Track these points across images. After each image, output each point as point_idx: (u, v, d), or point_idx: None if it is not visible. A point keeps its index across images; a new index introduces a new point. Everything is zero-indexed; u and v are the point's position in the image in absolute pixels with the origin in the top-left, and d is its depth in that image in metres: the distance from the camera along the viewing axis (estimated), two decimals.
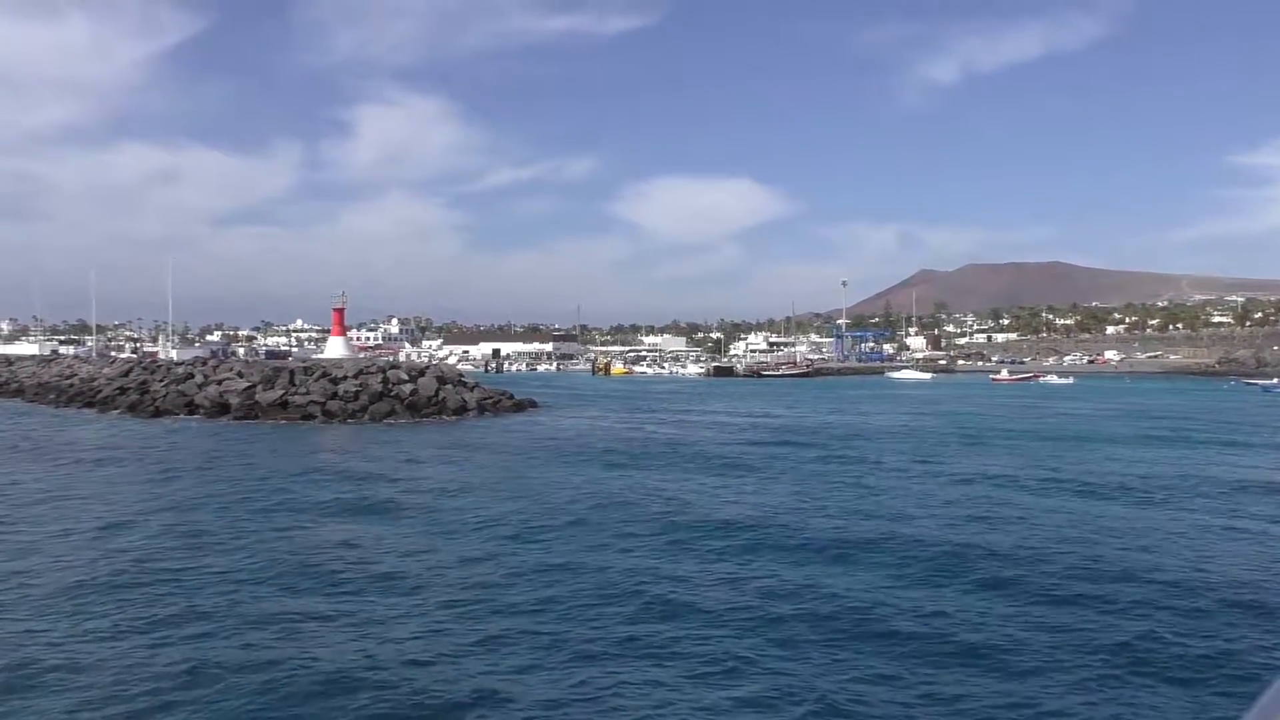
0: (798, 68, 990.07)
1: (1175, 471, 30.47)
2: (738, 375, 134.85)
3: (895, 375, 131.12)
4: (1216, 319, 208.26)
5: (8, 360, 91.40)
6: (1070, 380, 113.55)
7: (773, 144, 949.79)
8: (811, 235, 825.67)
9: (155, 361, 65.31)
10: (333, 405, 52.25)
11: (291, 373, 55.53)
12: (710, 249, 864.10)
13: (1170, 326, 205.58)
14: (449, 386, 58.88)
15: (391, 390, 55.32)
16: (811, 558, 18.03)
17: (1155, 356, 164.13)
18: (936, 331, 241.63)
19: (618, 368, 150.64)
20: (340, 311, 65.36)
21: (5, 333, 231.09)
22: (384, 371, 57.28)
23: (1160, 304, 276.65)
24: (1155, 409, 63.86)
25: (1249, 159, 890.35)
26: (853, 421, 53.24)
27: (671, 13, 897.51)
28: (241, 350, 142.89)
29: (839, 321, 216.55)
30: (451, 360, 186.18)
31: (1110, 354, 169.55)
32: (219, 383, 54.98)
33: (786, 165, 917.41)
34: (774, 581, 16.05)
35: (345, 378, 55.58)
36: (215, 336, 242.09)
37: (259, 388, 53.48)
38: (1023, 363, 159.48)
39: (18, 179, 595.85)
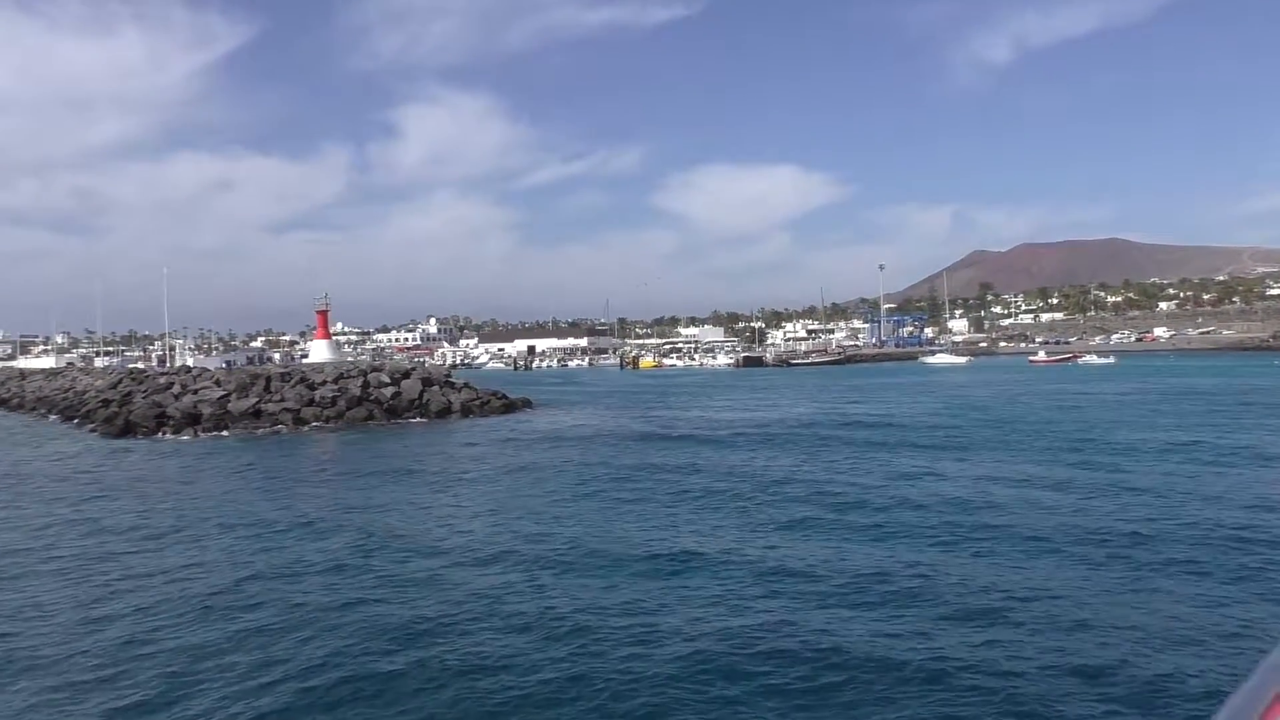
0: (845, 50, 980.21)
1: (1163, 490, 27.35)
2: (766, 365, 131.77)
3: (929, 360, 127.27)
4: (1273, 291, 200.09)
5: (21, 374, 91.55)
6: (1111, 360, 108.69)
7: (821, 129, 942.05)
8: (862, 220, 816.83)
9: (144, 373, 64.11)
10: (307, 412, 50.59)
11: (268, 379, 53.95)
12: (759, 238, 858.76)
13: (1226, 301, 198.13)
14: (434, 388, 56.96)
15: (371, 394, 53.56)
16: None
17: (1208, 333, 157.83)
18: (982, 313, 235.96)
19: (646, 361, 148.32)
20: (324, 314, 63.71)
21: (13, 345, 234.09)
22: (365, 375, 55.49)
23: (1219, 278, 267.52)
24: (1192, 390, 59.93)
25: None
26: (843, 413, 50.32)
27: (713, 2, 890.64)
28: (278, 356, 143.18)
29: (884, 306, 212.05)
30: (483, 359, 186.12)
31: (1160, 331, 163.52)
32: (195, 392, 53.50)
33: (836, 150, 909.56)
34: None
35: (324, 383, 53.94)
36: (258, 343, 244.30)
37: (233, 396, 51.96)
38: (1068, 343, 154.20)
39: (79, 194, 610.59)
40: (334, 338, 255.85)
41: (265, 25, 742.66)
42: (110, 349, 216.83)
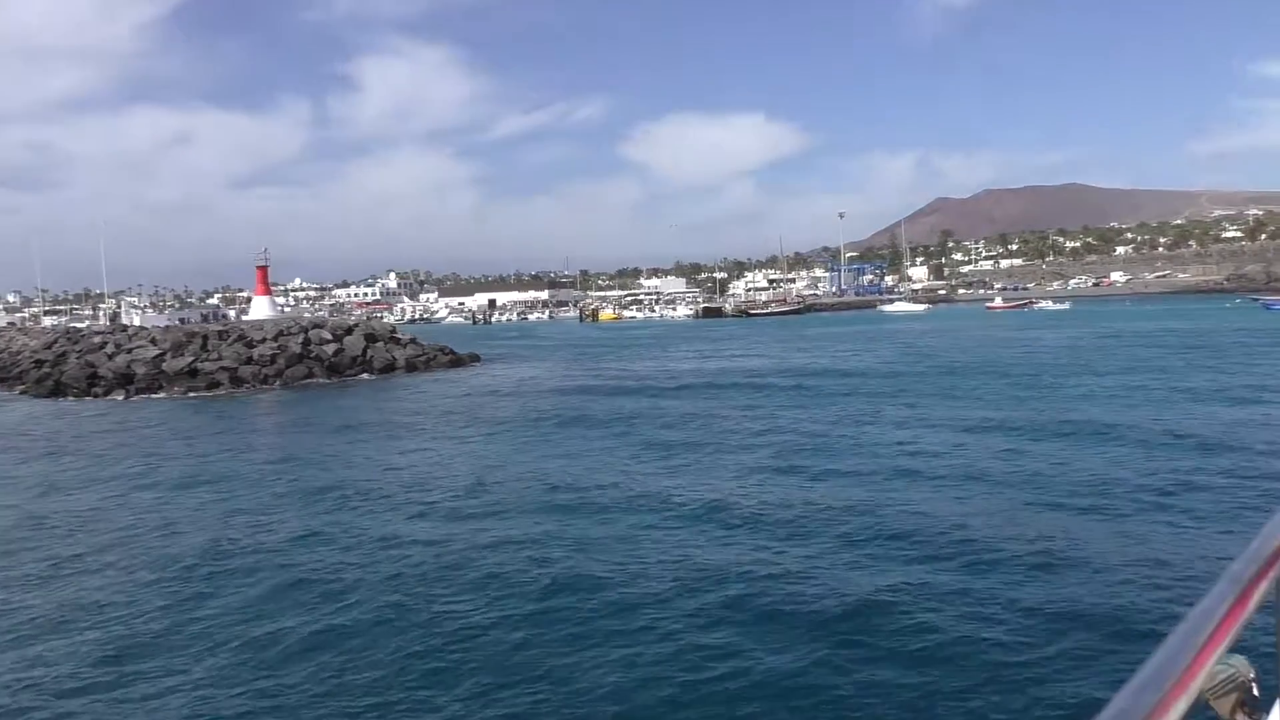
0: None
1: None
2: (726, 316, 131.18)
3: (887, 309, 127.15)
4: (1229, 234, 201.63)
5: None
6: (1066, 305, 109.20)
7: (785, 77, 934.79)
8: (827, 168, 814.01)
9: (79, 332, 62.27)
10: (245, 371, 49.37)
11: (205, 337, 52.57)
12: (724, 188, 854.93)
13: (1183, 245, 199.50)
14: (379, 344, 55.92)
15: (312, 352, 52.40)
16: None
17: (1163, 276, 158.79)
18: (943, 261, 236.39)
19: (606, 313, 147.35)
20: (264, 270, 62.03)
21: None
22: (306, 332, 54.23)
23: (1176, 222, 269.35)
24: (1136, 334, 59.92)
25: (1273, 68, 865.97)
26: (789, 364, 49.83)
27: None
28: (233, 313, 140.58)
29: (846, 255, 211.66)
30: (442, 313, 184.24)
31: (1116, 275, 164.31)
32: (129, 352, 52.04)
33: (800, 98, 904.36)
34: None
35: (264, 340, 52.67)
36: (215, 300, 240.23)
37: (168, 355, 50.58)
38: (1025, 289, 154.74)
39: (34, 148, 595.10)
40: (291, 293, 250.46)
41: None
42: (62, 307, 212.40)
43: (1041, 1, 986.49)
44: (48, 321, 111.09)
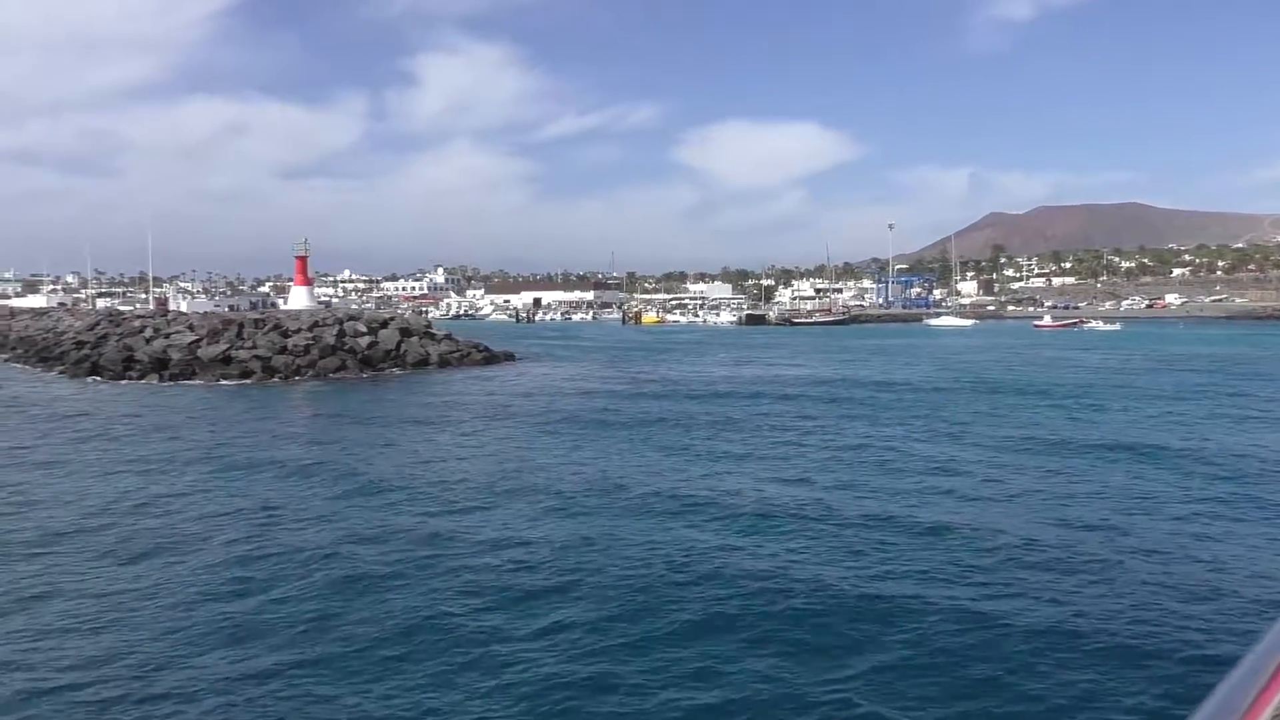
0: (867, 8, 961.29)
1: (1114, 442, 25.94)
2: (769, 323, 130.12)
3: (933, 322, 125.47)
4: None
5: (11, 313, 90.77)
6: (1116, 326, 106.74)
7: (841, 86, 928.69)
8: (880, 179, 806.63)
9: (122, 315, 63.05)
10: (278, 361, 49.45)
11: (241, 325, 52.81)
12: (776, 195, 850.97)
13: (1242, 269, 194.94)
14: (413, 339, 55.82)
15: (346, 344, 52.41)
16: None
17: (1220, 300, 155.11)
18: (994, 276, 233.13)
19: (649, 316, 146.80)
20: (303, 260, 62.23)
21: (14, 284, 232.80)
22: (341, 323, 54.26)
23: (1236, 246, 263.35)
24: (1187, 358, 58.24)
25: None
26: (818, 375, 48.96)
27: None
28: (282, 302, 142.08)
29: (896, 266, 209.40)
30: (487, 310, 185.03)
31: (1171, 298, 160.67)
32: (166, 337, 52.44)
33: (855, 108, 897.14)
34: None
35: (299, 330, 52.79)
36: (266, 288, 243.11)
37: (204, 342, 50.87)
38: (1077, 307, 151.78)
39: (92, 136, 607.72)
40: (340, 284, 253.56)
41: None
42: (117, 290, 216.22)
43: (1103, 18, 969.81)
44: (100, 304, 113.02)
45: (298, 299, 62.25)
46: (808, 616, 11.80)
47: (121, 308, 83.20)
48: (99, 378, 48.27)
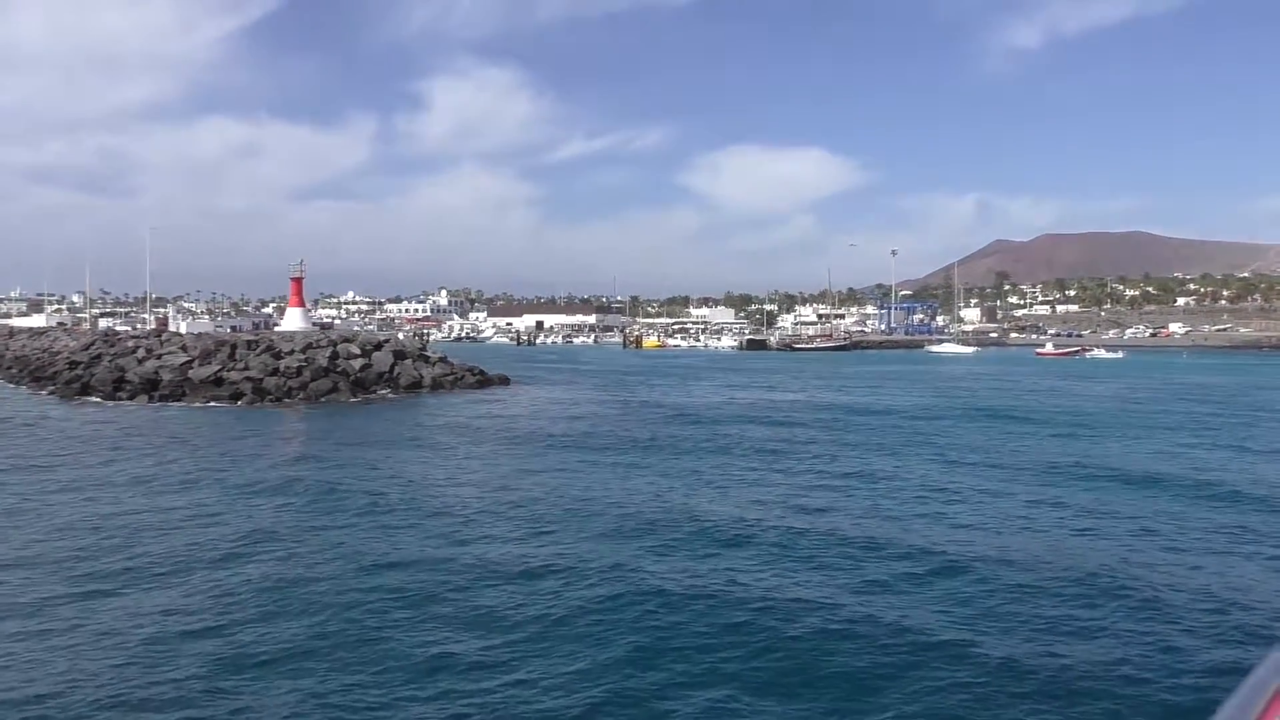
0: (875, 35, 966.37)
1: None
2: (770, 349, 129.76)
3: (935, 349, 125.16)
4: None
5: (10, 332, 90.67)
6: (1119, 355, 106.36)
7: (848, 113, 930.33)
8: (886, 206, 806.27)
9: (117, 336, 62.82)
10: (270, 382, 49.09)
11: (234, 346, 52.54)
12: (783, 220, 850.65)
13: (1247, 298, 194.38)
14: (406, 361, 55.51)
15: (339, 366, 52.08)
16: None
17: (1224, 330, 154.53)
18: (997, 303, 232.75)
19: (650, 340, 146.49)
20: (298, 281, 61.97)
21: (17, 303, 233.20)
22: (334, 345, 53.97)
23: (1241, 275, 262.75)
24: (1189, 389, 57.76)
25: None
26: (812, 401, 48.51)
27: None
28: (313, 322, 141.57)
29: (901, 292, 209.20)
30: (488, 332, 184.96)
31: (1175, 327, 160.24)
32: (158, 357, 52.17)
33: (863, 135, 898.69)
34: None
35: (291, 352, 52.48)
36: (270, 309, 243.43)
37: (196, 363, 50.58)
38: (1080, 335, 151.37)
39: (108, 155, 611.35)
40: (344, 305, 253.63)
41: None
42: (121, 310, 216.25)
43: (1110, 47, 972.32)
44: (103, 324, 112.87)
45: (292, 320, 61.93)
46: (788, 642, 11.37)
47: (120, 328, 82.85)
48: (90, 398, 47.99)
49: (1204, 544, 16.92)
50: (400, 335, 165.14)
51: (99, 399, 47.60)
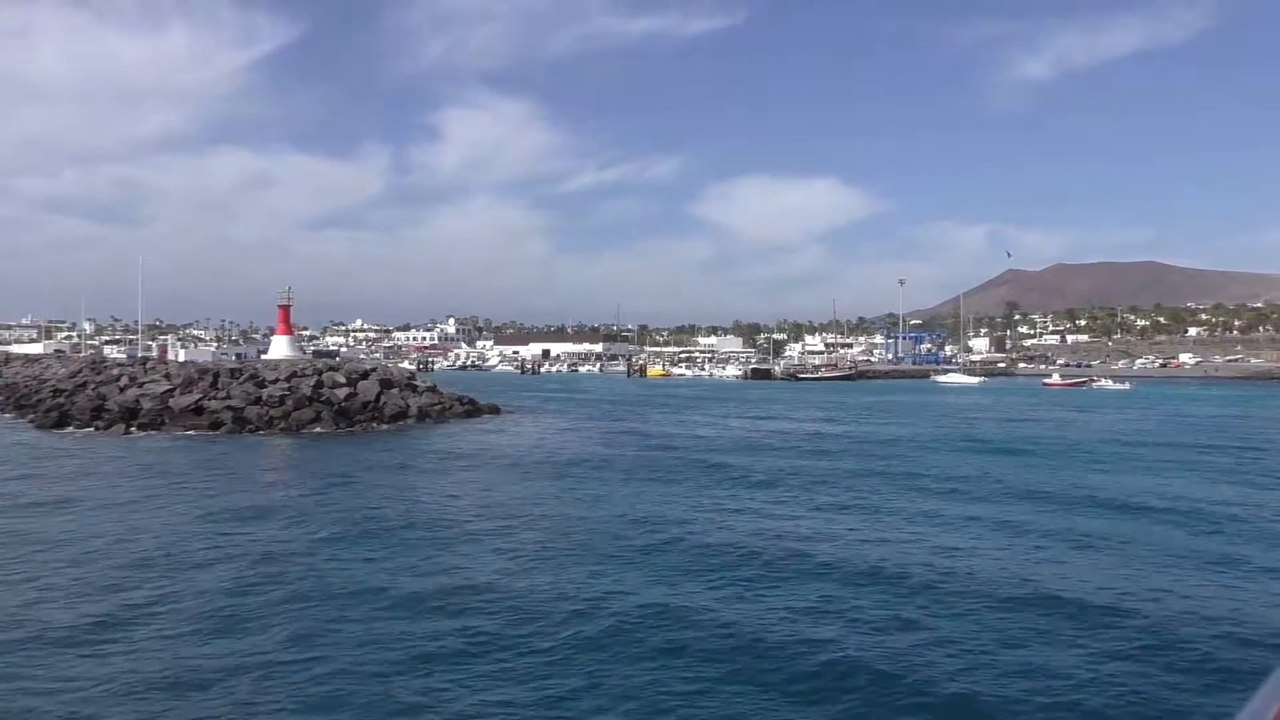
0: (886, 67, 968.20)
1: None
2: (774, 378, 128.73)
3: (941, 379, 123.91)
4: None
5: (6, 359, 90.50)
6: (1126, 386, 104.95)
7: (860, 144, 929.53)
8: (898, 236, 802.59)
9: (104, 364, 62.36)
10: (251, 412, 48.37)
11: (216, 375, 51.88)
12: (792, 251, 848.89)
13: (1260, 328, 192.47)
14: (393, 391, 54.69)
15: (323, 395, 51.33)
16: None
17: (1235, 360, 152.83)
18: (1007, 333, 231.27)
19: (655, 369, 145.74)
20: (285, 309, 61.43)
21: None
22: (320, 374, 53.25)
23: (1254, 305, 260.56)
24: (1197, 421, 56.58)
25: None
26: (805, 430, 47.50)
27: (755, 13, 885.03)
28: (304, 350, 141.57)
29: (910, 322, 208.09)
30: (493, 361, 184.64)
31: (1185, 357, 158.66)
32: (140, 386, 51.57)
33: (873, 165, 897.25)
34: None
35: (275, 380, 51.79)
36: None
37: (177, 391, 49.93)
38: (1088, 366, 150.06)
39: (124, 185, 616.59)
40: (352, 334, 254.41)
41: (311, 25, 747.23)
42: (129, 338, 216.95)
43: (1121, 78, 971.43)
44: (108, 352, 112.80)
45: (279, 348, 61.32)
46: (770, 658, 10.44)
47: (116, 355, 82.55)
48: (68, 428, 47.36)
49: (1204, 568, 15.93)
50: (405, 363, 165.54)
51: (77, 427, 47.00)
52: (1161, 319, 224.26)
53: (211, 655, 12.45)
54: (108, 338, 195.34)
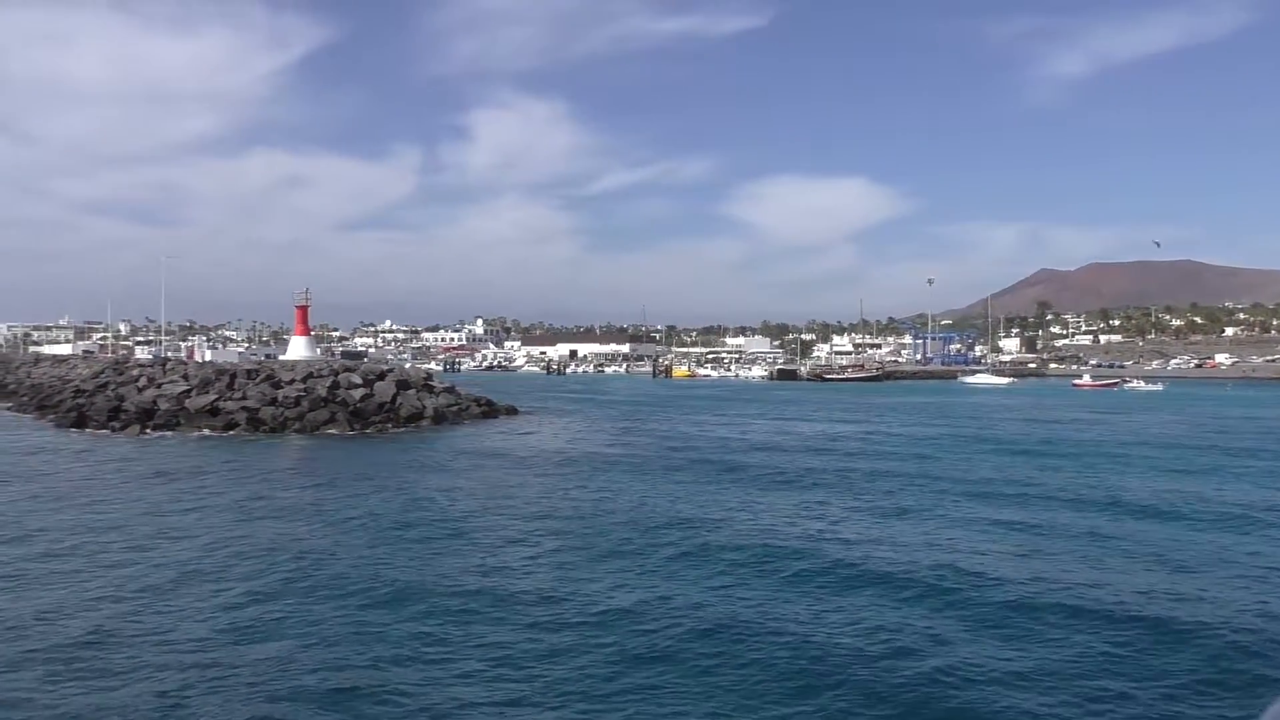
0: (918, 65, 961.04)
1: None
2: (800, 379, 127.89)
3: (968, 380, 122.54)
4: None
5: (36, 359, 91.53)
6: (1158, 387, 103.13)
7: (891, 142, 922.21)
8: (930, 235, 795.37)
9: (126, 364, 62.71)
10: (266, 412, 48.38)
11: (233, 375, 51.98)
12: (822, 250, 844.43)
13: None
14: (410, 392, 54.54)
15: (338, 396, 51.28)
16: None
17: (1273, 360, 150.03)
18: (1038, 333, 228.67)
19: (680, 370, 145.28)
20: (303, 309, 61.39)
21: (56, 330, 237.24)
22: (335, 375, 53.21)
23: None
24: (1226, 425, 55.33)
25: None
26: (828, 432, 46.82)
27: (785, 12, 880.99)
28: (318, 351, 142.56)
29: (941, 322, 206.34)
30: (519, 361, 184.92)
31: (1221, 357, 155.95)
32: (158, 387, 51.76)
33: (905, 163, 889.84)
34: None
35: (291, 381, 51.81)
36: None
37: (194, 392, 50.06)
38: (1122, 366, 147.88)
39: (163, 188, 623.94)
40: (381, 334, 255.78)
41: (344, 28, 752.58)
42: (167, 339, 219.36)
43: (1158, 74, 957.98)
44: (139, 352, 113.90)
45: (296, 349, 61.32)
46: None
47: (143, 356, 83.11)
48: (85, 428, 47.60)
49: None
50: (432, 364, 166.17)
51: (93, 428, 47.21)
52: (1198, 318, 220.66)
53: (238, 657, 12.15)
54: (140, 339, 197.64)
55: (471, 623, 13.86)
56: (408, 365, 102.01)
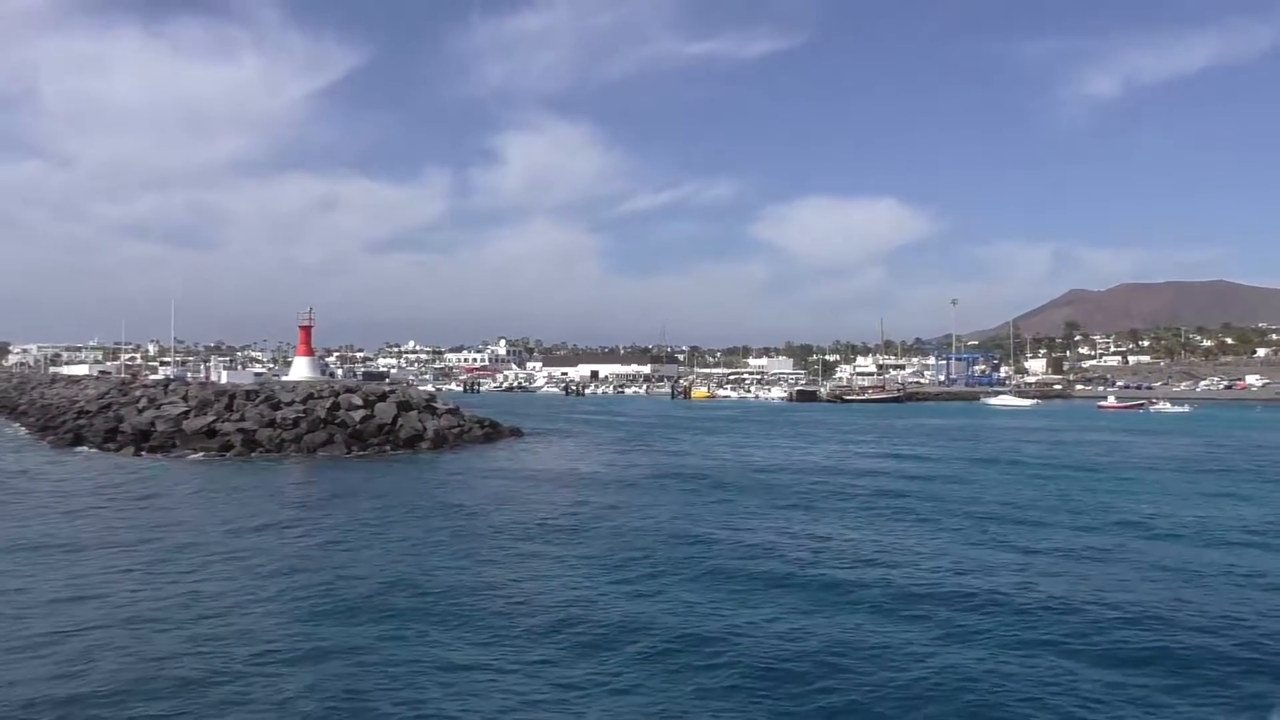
0: (948, 85, 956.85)
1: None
2: (820, 400, 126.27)
3: (991, 401, 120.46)
4: None
5: (52, 379, 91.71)
6: (1185, 408, 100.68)
7: (920, 163, 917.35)
8: (959, 255, 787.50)
9: (132, 384, 62.42)
10: (263, 434, 47.67)
11: (232, 396, 51.38)
12: (850, 271, 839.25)
13: None
14: (411, 414, 53.73)
15: (338, 418, 50.52)
16: None
17: None
18: (1066, 354, 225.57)
19: (699, 391, 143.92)
20: (306, 330, 60.79)
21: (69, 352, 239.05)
22: (336, 396, 52.50)
23: None
24: (1245, 446, 53.51)
25: None
26: (836, 457, 45.46)
27: (814, 34, 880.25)
28: (339, 372, 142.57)
29: (968, 343, 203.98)
30: (539, 382, 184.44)
31: (1252, 379, 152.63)
32: (158, 408, 51.27)
33: (934, 184, 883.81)
34: None
35: (291, 403, 51.12)
36: (333, 359, 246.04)
37: (192, 413, 49.49)
38: (1150, 388, 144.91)
39: (197, 210, 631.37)
40: (404, 355, 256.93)
41: (377, 52, 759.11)
42: (191, 359, 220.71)
43: (1190, 94, 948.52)
44: (162, 372, 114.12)
45: (299, 370, 60.72)
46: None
47: (154, 376, 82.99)
48: (82, 448, 47.15)
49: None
50: (453, 385, 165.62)
51: (92, 449, 46.73)
52: (1229, 339, 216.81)
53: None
54: (165, 359, 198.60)
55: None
56: (429, 386, 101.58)
